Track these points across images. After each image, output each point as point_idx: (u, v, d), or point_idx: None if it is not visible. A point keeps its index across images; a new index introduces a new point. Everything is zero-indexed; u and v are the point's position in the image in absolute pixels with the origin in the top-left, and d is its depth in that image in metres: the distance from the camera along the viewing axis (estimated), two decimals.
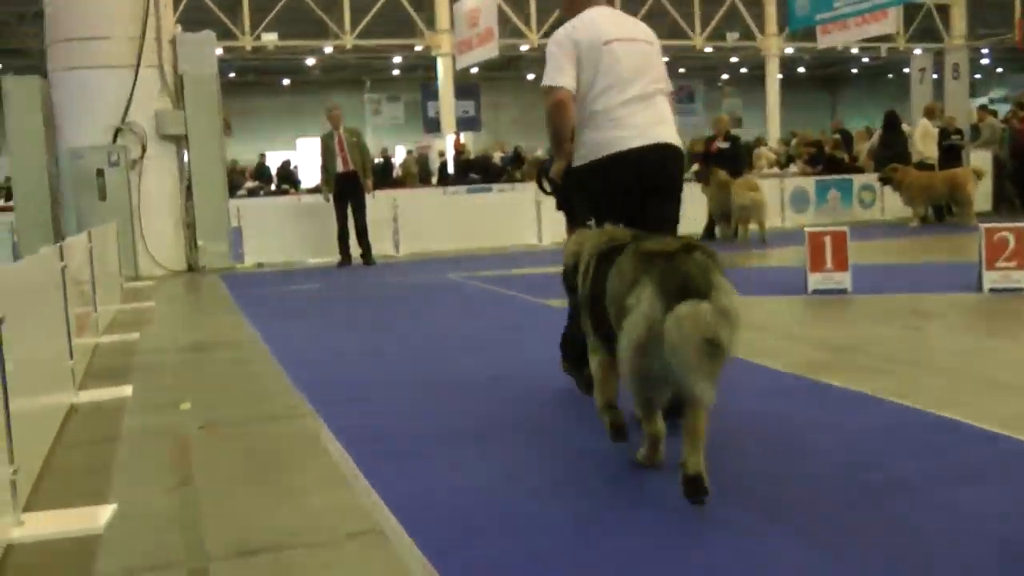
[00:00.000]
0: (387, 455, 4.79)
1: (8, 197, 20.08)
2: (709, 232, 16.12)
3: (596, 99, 5.33)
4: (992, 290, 9.12)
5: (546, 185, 6.20)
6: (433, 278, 12.54)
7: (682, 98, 47.85)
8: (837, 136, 24.37)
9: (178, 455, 5.10)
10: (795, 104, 49.15)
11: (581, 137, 5.44)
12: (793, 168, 23.41)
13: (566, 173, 5.68)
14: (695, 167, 16.66)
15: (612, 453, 4.57)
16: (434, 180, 28.80)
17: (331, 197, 14.89)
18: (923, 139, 17.87)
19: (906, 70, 28.56)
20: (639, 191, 5.31)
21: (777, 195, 18.39)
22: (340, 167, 14.80)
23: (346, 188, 14.81)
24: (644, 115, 5.34)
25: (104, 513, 4.12)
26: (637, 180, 5.29)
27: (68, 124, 14.50)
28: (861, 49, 39.20)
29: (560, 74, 5.36)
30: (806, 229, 9.78)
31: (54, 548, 3.86)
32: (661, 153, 5.33)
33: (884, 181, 17.52)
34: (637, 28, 5.70)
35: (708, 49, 37.07)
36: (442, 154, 30.53)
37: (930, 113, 18.35)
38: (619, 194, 5.31)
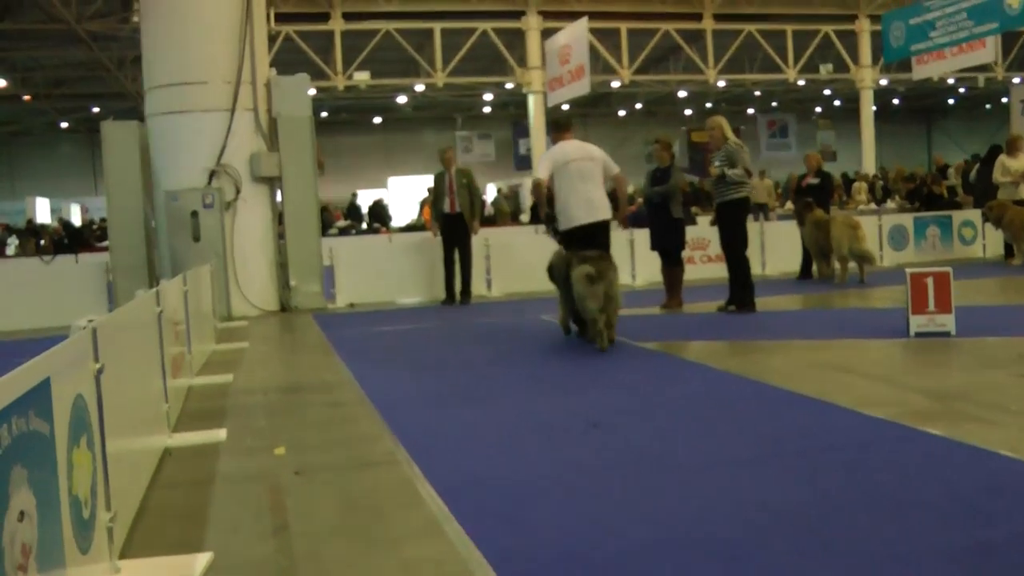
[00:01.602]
0: (486, 505, 4.75)
1: (104, 238, 20.56)
2: (806, 270, 15.85)
3: (561, 192, 10.58)
4: None
5: (550, 232, 11.04)
6: (526, 319, 12.49)
7: (775, 132, 47.50)
8: (935, 171, 23.91)
9: (273, 501, 5.11)
10: (890, 137, 48.54)
11: (559, 213, 10.67)
12: (890, 204, 23.01)
13: (560, 233, 10.75)
14: (788, 204, 16.42)
15: (706, 515, 4.48)
16: (524, 218, 28.87)
17: (439, 235, 15.08)
18: (1001, 174, 17.06)
19: (1005, 100, 27.90)
20: (587, 239, 10.29)
21: (875, 232, 18.03)
22: (447, 208, 14.94)
23: (452, 229, 14.97)
24: (583, 203, 10.48)
25: (200, 562, 4.13)
26: (585, 236, 10.35)
27: (164, 167, 14.77)
28: (958, 79, 38.49)
29: (543, 172, 10.61)
30: (907, 270, 9.52)
31: None
32: (593, 224, 10.45)
33: (986, 218, 17.06)
34: (586, 150, 10.88)
35: (801, 82, 36.71)
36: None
37: (1011, 146, 17.35)
38: (579, 240, 10.31)
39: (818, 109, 49.11)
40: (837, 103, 47.14)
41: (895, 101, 48.34)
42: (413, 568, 4.00)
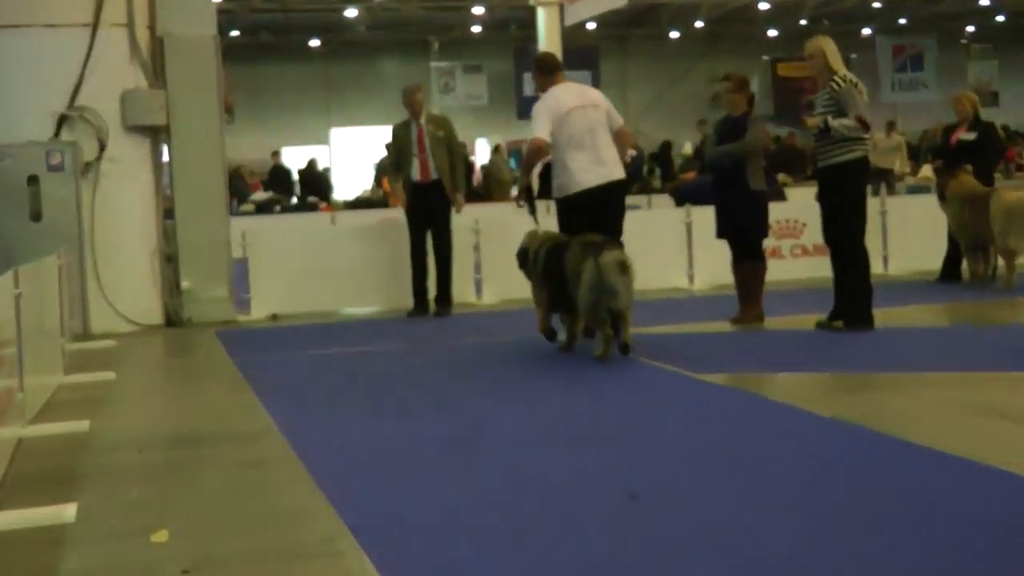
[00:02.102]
0: None
1: None
2: (951, 269, 15.72)
3: (559, 151, 11.67)
4: None
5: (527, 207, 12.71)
6: (531, 337, 12.43)
7: (904, 64, 47.44)
8: None
9: None
10: None
11: (555, 178, 11.90)
12: None
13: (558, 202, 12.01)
14: (926, 169, 16.35)
15: None
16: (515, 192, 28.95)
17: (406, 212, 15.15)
18: None
19: None
20: (595, 209, 11.43)
21: None
22: (417, 174, 14.91)
23: (424, 204, 14.98)
24: (591, 162, 11.56)
25: None
26: (593, 205, 11.49)
27: None
28: None
29: (542, 129, 11.56)
30: None
31: None
32: (606, 186, 11.54)
33: None
34: (587, 95, 12.17)
35: None
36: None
37: None
38: (585, 211, 11.41)
39: (971, 29, 49.12)
40: (1000, 19, 47.15)
41: None
42: None
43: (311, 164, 32.58)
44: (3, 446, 7.59)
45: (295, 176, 32.18)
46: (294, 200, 30.26)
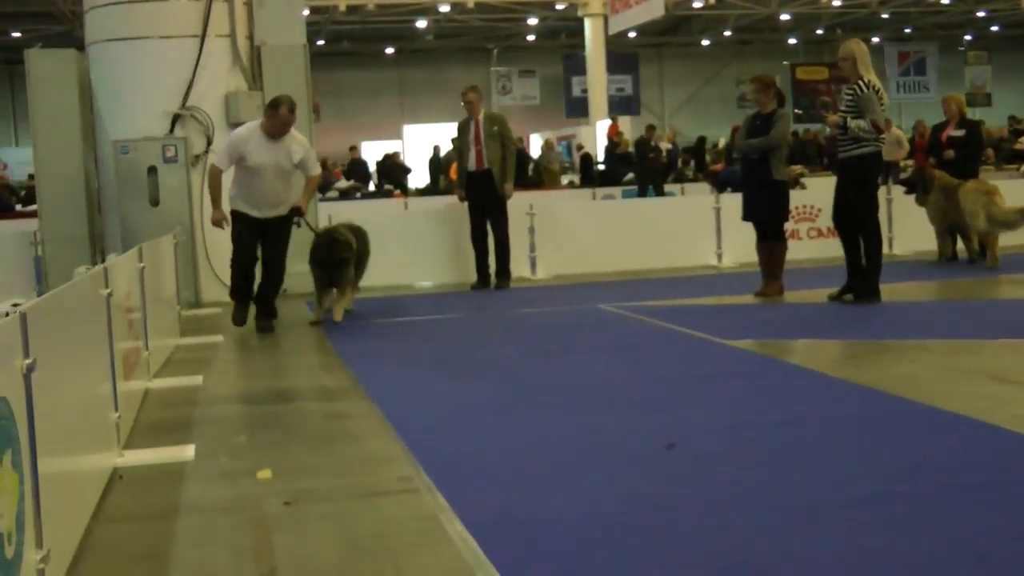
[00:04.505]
0: (532, 549, 4.74)
1: (31, 200, 20.56)
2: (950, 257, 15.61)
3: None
4: None
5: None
6: (581, 309, 12.48)
7: (908, 68, 47.09)
8: None
9: (256, 540, 5.12)
10: None
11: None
12: None
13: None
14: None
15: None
16: (575, 179, 28.85)
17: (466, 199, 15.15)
18: None
19: None
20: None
21: None
22: (473, 164, 14.97)
23: (479, 191, 15.02)
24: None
25: None
26: None
27: (112, 109, 14.81)
28: None
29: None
30: None
31: None
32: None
33: None
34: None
35: (946, 0, 36.33)
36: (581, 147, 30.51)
37: None
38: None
39: (968, 37, 48.64)
40: (994, 29, 46.66)
41: None
42: None
43: (388, 157, 32.51)
44: (133, 396, 7.74)
45: (372, 167, 32.17)
46: (371, 187, 30.27)
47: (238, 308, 11.95)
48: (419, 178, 33.89)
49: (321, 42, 39.62)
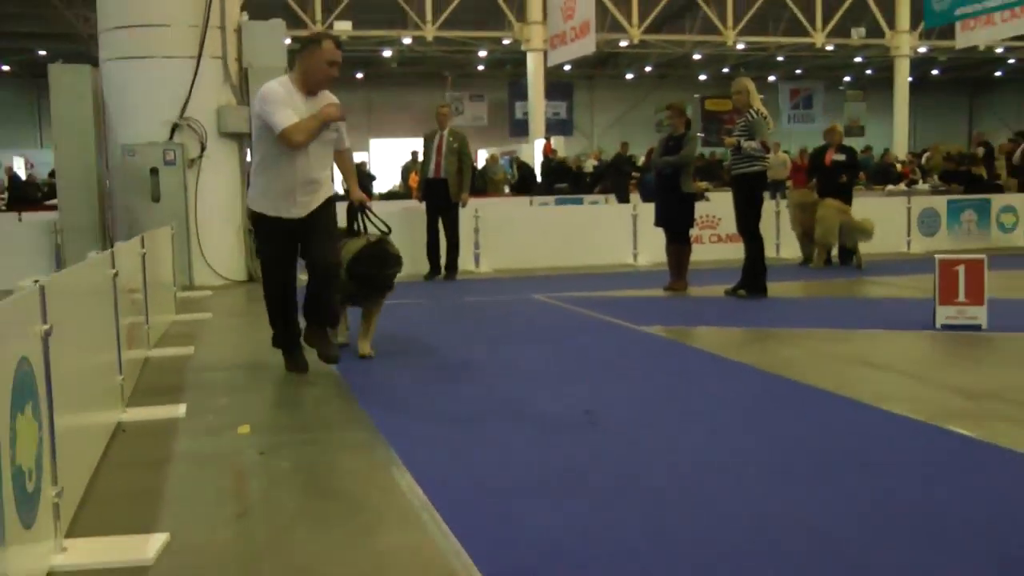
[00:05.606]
0: (464, 496, 4.82)
1: (52, 195, 20.46)
2: (828, 257, 15.87)
3: None
4: None
5: None
6: (518, 298, 12.54)
7: (798, 103, 47.53)
8: (980, 150, 23.91)
9: (235, 483, 5.17)
10: (927, 112, 48.59)
11: None
12: (923, 185, 23.05)
13: None
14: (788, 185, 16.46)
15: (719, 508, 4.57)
16: (507, 190, 28.96)
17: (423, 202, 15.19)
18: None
19: None
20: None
21: (903, 216, 18.07)
22: (432, 172, 14.98)
23: (436, 195, 15.02)
24: None
25: (154, 543, 4.20)
26: None
27: (120, 118, 14.74)
28: (1008, 49, 38.49)
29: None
30: (937, 257, 9.59)
31: None
32: None
33: None
34: None
35: (830, 47, 36.71)
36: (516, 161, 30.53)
37: None
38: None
39: (847, 78, 49.13)
40: (869, 72, 47.18)
41: (934, 72, 48.33)
42: (387, 558, 4.07)
43: (357, 165, 32.34)
44: (135, 363, 7.74)
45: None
46: (341, 192, 30.13)
47: (288, 355, 8.14)
48: (383, 184, 33.79)
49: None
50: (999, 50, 39.08)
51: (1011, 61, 44.37)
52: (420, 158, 15.75)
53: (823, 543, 4.11)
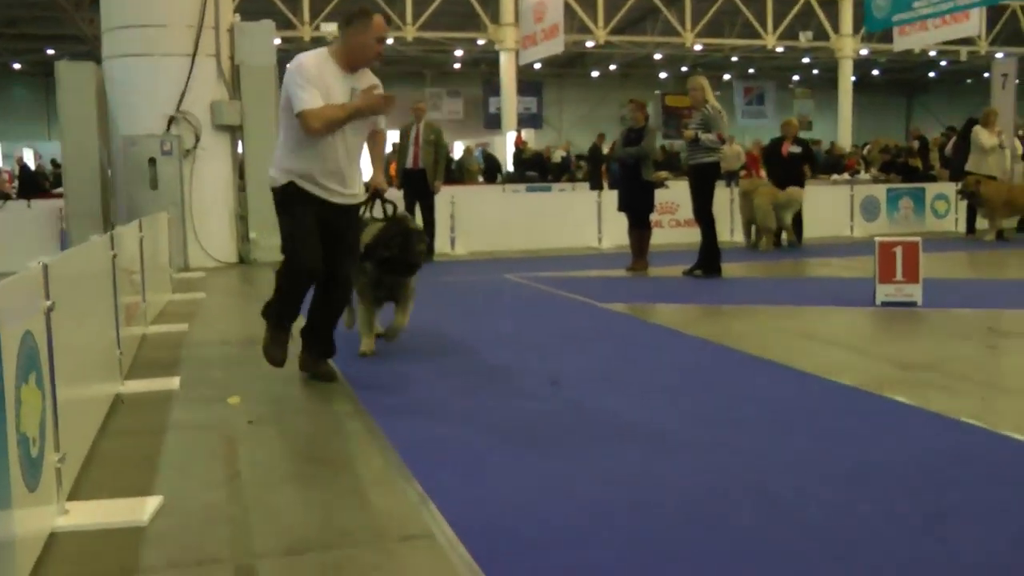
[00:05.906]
0: (440, 458, 4.82)
1: (59, 184, 20.38)
2: (778, 239, 15.96)
3: None
4: None
5: None
6: (490, 278, 12.54)
7: (751, 100, 47.61)
8: (916, 143, 24.09)
9: (226, 450, 5.15)
10: (869, 109, 48.70)
11: None
12: (865, 175, 23.17)
13: None
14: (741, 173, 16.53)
15: (679, 472, 4.57)
16: (480, 179, 28.94)
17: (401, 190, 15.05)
18: (974, 147, 16.98)
19: (987, 75, 28.08)
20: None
21: (846, 203, 18.20)
22: (409, 162, 14.88)
23: (412, 185, 14.90)
24: None
25: (149, 505, 4.17)
26: None
27: (122, 111, 14.67)
28: (940, 52, 38.65)
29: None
30: (876, 239, 9.66)
31: (98, 538, 3.91)
32: None
33: (966, 195, 16.84)
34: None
35: (780, 49, 36.78)
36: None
37: (986, 120, 17.19)
38: None
39: (796, 78, 49.24)
40: (816, 72, 47.28)
41: (875, 72, 48.49)
42: (373, 517, 4.05)
43: None
44: (133, 339, 7.70)
45: None
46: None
47: (277, 339, 6.63)
48: (364, 175, 33.64)
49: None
50: (932, 53, 39.25)
51: (943, 64, 44.60)
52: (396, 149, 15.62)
53: (767, 494, 4.14)
